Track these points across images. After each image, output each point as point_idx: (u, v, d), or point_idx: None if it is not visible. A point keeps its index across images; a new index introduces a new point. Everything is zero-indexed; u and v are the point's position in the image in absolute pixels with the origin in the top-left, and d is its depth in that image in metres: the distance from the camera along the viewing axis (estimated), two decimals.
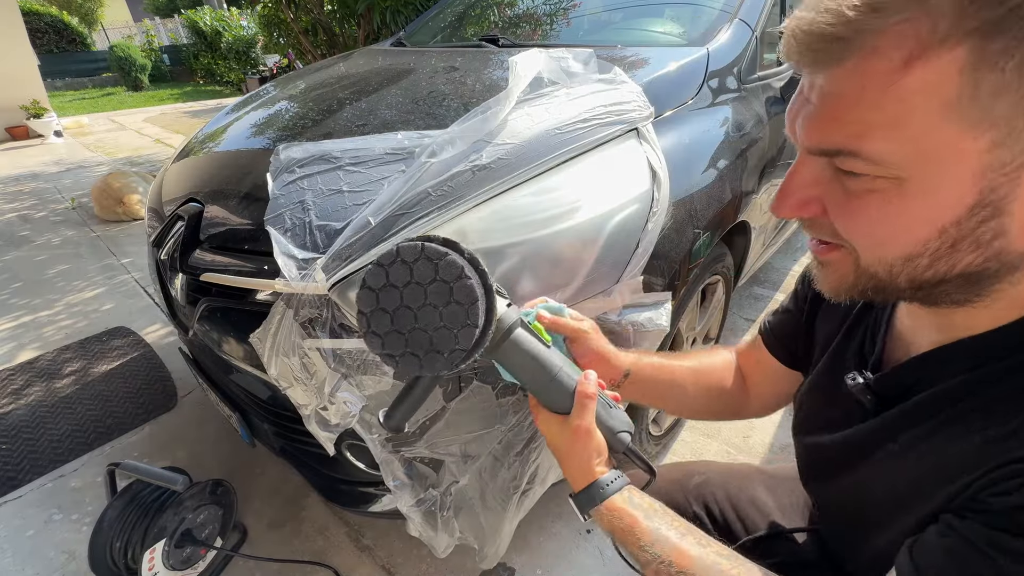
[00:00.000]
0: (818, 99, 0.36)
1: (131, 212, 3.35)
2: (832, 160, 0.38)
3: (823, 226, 0.41)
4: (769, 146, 1.34)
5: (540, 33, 1.80)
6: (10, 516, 1.36)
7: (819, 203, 0.40)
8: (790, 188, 0.41)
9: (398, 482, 0.87)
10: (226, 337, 0.96)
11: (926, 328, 0.46)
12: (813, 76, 0.37)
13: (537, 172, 0.87)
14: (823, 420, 0.56)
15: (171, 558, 1.05)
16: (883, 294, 0.41)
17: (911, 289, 0.39)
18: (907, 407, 0.45)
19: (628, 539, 0.52)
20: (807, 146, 0.39)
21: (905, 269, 0.38)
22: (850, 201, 0.38)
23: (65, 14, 12.94)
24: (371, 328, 0.51)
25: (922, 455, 0.43)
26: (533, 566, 1.19)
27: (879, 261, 0.39)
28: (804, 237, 2.51)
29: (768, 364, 0.71)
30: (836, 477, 0.54)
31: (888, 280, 0.39)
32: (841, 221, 0.39)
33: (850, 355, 0.55)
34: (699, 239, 1.03)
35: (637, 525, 0.52)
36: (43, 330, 2.19)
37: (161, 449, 1.55)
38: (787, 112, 0.41)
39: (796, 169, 0.41)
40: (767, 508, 0.75)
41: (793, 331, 0.66)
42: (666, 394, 0.73)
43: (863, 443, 0.49)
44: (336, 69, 1.59)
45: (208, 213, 1.06)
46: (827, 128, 0.36)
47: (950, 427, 0.41)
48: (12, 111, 6.31)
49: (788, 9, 1.54)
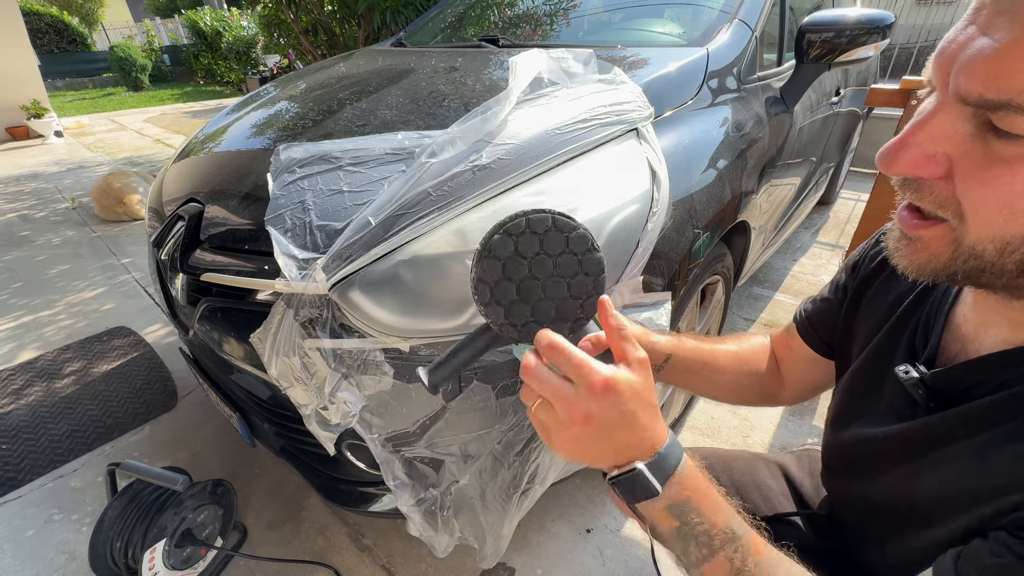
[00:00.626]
0: (1003, 31, 0.30)
1: (131, 212, 3.36)
2: (987, 114, 0.32)
3: (933, 192, 0.36)
4: (769, 146, 1.34)
5: (540, 33, 1.80)
6: (10, 516, 1.36)
7: (945, 162, 0.35)
8: (914, 138, 0.35)
9: (398, 482, 0.87)
10: (226, 337, 0.96)
11: (997, 326, 0.43)
12: (1001, 3, 0.31)
13: (537, 172, 0.87)
14: (866, 412, 0.54)
15: (171, 558, 1.05)
16: (977, 279, 0.37)
17: (1017, 273, 0.34)
18: (971, 409, 0.42)
19: (703, 519, 0.43)
20: (964, 91, 0.33)
21: (1022, 250, 0.33)
22: (992, 167, 0.33)
23: (65, 14, 12.96)
24: (494, 298, 0.51)
25: (982, 462, 0.41)
26: (533, 566, 1.19)
27: (995, 239, 0.34)
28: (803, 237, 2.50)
29: (801, 351, 0.70)
30: (886, 471, 0.51)
31: (995, 261, 0.35)
32: (971, 188, 0.34)
33: (900, 348, 0.52)
34: (699, 239, 1.03)
35: (719, 502, 0.44)
36: (43, 330, 2.19)
37: (161, 449, 1.55)
38: (939, 52, 0.34)
39: (928, 118, 0.35)
40: (771, 493, 0.76)
41: (830, 320, 0.65)
42: (705, 378, 0.70)
43: (920, 439, 0.46)
44: (336, 69, 1.60)
45: (208, 213, 1.06)
46: (1003, 71, 0.30)
47: (1016, 439, 0.38)
48: (12, 111, 6.32)
49: (788, 9, 1.54)
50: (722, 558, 0.42)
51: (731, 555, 0.42)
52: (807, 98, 1.58)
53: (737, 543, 0.43)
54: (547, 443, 0.46)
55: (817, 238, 2.80)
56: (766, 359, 0.74)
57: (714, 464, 0.79)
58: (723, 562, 0.42)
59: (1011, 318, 0.41)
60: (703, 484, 0.44)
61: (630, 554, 1.21)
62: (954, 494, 0.42)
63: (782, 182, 1.56)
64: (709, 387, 0.73)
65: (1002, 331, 0.42)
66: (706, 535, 0.43)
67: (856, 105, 2.46)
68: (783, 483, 0.78)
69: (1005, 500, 0.37)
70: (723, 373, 0.71)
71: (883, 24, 1.30)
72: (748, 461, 0.80)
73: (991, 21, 0.31)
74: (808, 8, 1.82)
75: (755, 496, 0.75)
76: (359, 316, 0.78)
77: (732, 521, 0.44)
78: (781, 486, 0.77)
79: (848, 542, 0.63)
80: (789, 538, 0.68)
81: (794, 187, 1.77)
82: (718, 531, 0.43)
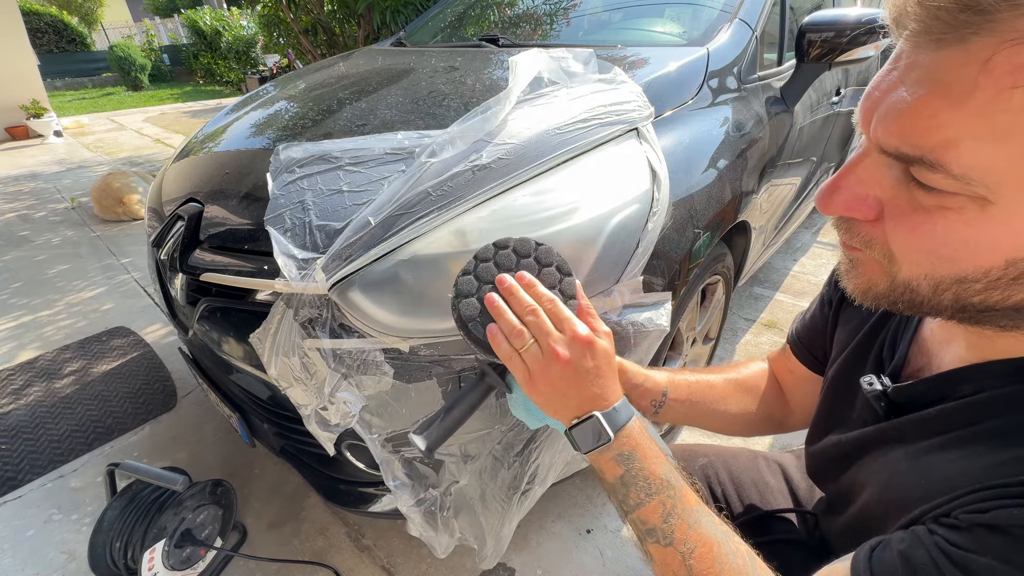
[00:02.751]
0: (915, 87, 0.30)
1: (131, 212, 3.35)
2: (906, 166, 0.33)
3: (861, 232, 0.37)
4: (769, 146, 1.34)
5: (540, 33, 1.80)
6: (10, 516, 1.35)
7: (876, 205, 0.36)
8: (845, 182, 0.36)
9: (398, 482, 0.87)
10: (226, 337, 0.96)
11: (957, 343, 0.44)
12: (918, 53, 0.30)
13: (537, 172, 0.87)
14: (840, 422, 0.56)
15: (171, 558, 1.05)
16: (918, 309, 0.38)
17: (955, 310, 0.36)
18: (923, 416, 0.44)
19: (643, 466, 0.49)
20: (882, 144, 0.33)
21: (954, 289, 0.34)
22: (915, 214, 0.33)
23: (65, 14, 12.95)
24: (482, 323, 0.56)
25: (930, 466, 0.42)
26: (533, 566, 1.19)
27: (927, 278, 0.35)
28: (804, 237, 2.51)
29: (800, 372, 0.70)
30: (845, 473, 0.53)
31: (930, 297, 0.36)
32: (898, 233, 0.35)
33: (870, 358, 0.54)
34: (699, 239, 1.03)
35: (659, 455, 0.50)
36: (43, 330, 2.19)
37: (161, 449, 1.55)
38: (865, 97, 0.35)
39: (857, 161, 0.36)
40: (767, 490, 0.76)
41: (820, 336, 0.66)
42: (708, 409, 0.70)
43: (873, 444, 0.49)
44: (336, 69, 1.59)
45: (208, 213, 1.06)
46: (915, 129, 0.30)
47: (967, 444, 0.39)
48: (12, 111, 6.31)
49: (788, 9, 1.54)
50: (656, 502, 0.48)
51: (664, 500, 0.48)
52: (807, 98, 1.58)
53: (671, 490, 0.48)
54: (526, 387, 0.54)
55: (818, 238, 2.80)
56: (765, 383, 0.74)
57: (714, 460, 0.80)
58: (656, 505, 0.48)
59: (967, 338, 0.43)
60: (646, 439, 0.51)
61: (630, 554, 1.21)
62: (897, 497, 0.44)
63: (783, 182, 1.55)
64: (715, 420, 0.72)
65: (960, 349, 0.44)
66: (645, 481, 0.49)
67: (856, 105, 2.46)
68: (782, 481, 0.78)
69: (932, 502, 0.39)
70: (725, 402, 0.70)
71: (883, 24, 1.29)
72: (749, 459, 0.81)
73: (907, 72, 0.31)
74: (808, 8, 1.82)
75: (752, 492, 0.76)
76: (359, 316, 0.78)
77: (670, 474, 0.49)
78: (780, 484, 0.78)
79: (830, 539, 0.65)
80: (783, 533, 0.69)
81: (794, 187, 1.77)
82: (656, 479, 0.49)
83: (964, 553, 0.34)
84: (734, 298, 2.20)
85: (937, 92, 0.29)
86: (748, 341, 1.95)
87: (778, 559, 0.48)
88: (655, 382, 0.66)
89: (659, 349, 1.05)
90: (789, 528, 0.71)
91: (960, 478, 0.38)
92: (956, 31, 0.27)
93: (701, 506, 0.49)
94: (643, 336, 0.87)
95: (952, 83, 0.28)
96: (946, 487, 0.38)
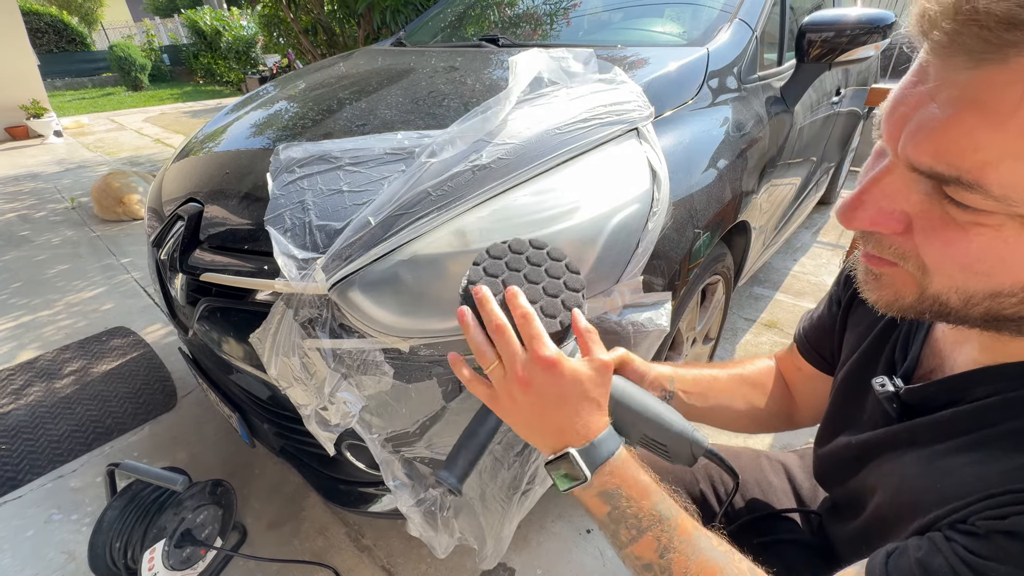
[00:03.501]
0: (949, 105, 0.28)
1: (131, 212, 3.36)
2: (938, 183, 0.31)
3: (893, 245, 0.36)
4: (769, 146, 1.34)
5: (540, 33, 1.80)
6: (10, 516, 1.35)
7: (903, 219, 0.34)
8: (870, 196, 0.34)
9: (398, 482, 0.87)
10: (226, 337, 0.96)
11: (970, 345, 0.44)
12: (951, 72, 0.28)
13: (537, 172, 0.87)
14: (850, 423, 0.56)
15: (171, 558, 1.05)
16: (946, 319, 0.37)
17: (984, 321, 0.35)
18: (937, 419, 0.43)
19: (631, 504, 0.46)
20: (914, 162, 0.31)
21: (985, 303, 0.33)
22: (947, 229, 0.32)
23: (65, 14, 12.95)
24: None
25: (932, 469, 0.42)
26: (533, 566, 1.19)
27: (958, 292, 0.34)
28: (804, 237, 2.50)
29: (807, 371, 0.70)
30: (855, 476, 0.53)
31: (960, 309, 0.35)
32: (932, 248, 0.33)
33: (882, 359, 0.53)
34: (699, 239, 1.03)
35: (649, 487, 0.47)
36: (43, 330, 2.19)
37: (161, 449, 1.55)
38: (890, 111, 0.33)
39: (883, 175, 0.34)
40: (770, 489, 0.76)
41: (828, 336, 0.65)
42: (715, 405, 0.69)
43: (885, 446, 0.48)
44: (336, 69, 1.59)
45: (208, 213, 1.06)
46: (950, 148, 0.29)
47: (982, 448, 0.39)
48: (12, 111, 6.31)
49: (788, 9, 1.54)
50: (650, 537, 0.45)
51: (658, 535, 0.45)
52: (807, 98, 1.58)
53: (664, 524, 0.45)
54: (495, 410, 0.51)
55: (818, 238, 2.80)
56: (772, 380, 0.73)
57: None
58: (651, 540, 0.45)
59: (981, 340, 0.42)
60: (633, 473, 0.47)
61: None
62: (909, 500, 0.43)
63: (782, 182, 1.55)
64: (722, 416, 0.71)
65: (973, 351, 0.43)
66: (635, 518, 0.46)
67: (857, 105, 2.46)
68: (785, 480, 0.78)
69: (947, 507, 0.38)
70: (731, 397, 0.70)
71: (883, 24, 1.29)
72: (752, 458, 0.81)
73: (939, 89, 0.29)
74: (808, 8, 1.82)
75: (755, 492, 0.76)
76: (359, 316, 0.78)
77: (661, 505, 0.46)
78: (783, 483, 0.77)
79: (836, 542, 0.64)
80: (786, 533, 0.69)
81: (794, 187, 1.77)
82: (645, 514, 0.46)
83: (983, 561, 0.33)
84: (734, 298, 2.20)
85: (974, 110, 0.28)
86: (748, 341, 1.95)
87: (782, 559, 0.48)
88: (659, 371, 0.66)
89: (659, 349, 1.05)
90: (792, 528, 0.71)
91: (976, 482, 0.37)
92: (1000, 50, 0.26)
93: (699, 530, 0.47)
94: (643, 336, 0.87)
95: (991, 102, 0.27)
96: (961, 491, 0.38)
